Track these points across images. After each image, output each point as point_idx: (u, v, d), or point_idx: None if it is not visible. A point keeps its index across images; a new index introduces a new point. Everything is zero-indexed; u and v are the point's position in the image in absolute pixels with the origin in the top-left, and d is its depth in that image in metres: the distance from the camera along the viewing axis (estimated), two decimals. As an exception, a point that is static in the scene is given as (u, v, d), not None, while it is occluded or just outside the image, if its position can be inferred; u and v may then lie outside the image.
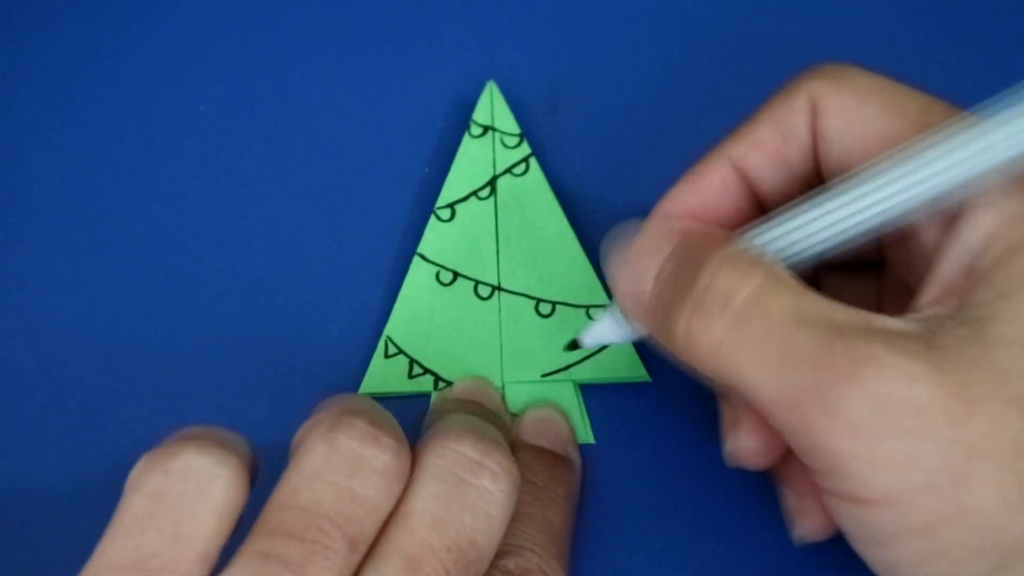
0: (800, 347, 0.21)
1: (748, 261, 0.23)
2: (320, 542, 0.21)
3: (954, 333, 0.21)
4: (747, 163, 0.26)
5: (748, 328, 0.22)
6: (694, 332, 0.23)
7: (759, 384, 0.22)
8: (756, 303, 0.22)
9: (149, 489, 0.21)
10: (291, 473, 0.22)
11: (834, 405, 0.20)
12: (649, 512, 0.31)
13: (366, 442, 0.22)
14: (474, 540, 0.22)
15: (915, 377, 0.20)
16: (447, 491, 0.22)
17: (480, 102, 0.34)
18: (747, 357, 0.22)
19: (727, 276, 0.22)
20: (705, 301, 0.23)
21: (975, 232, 0.22)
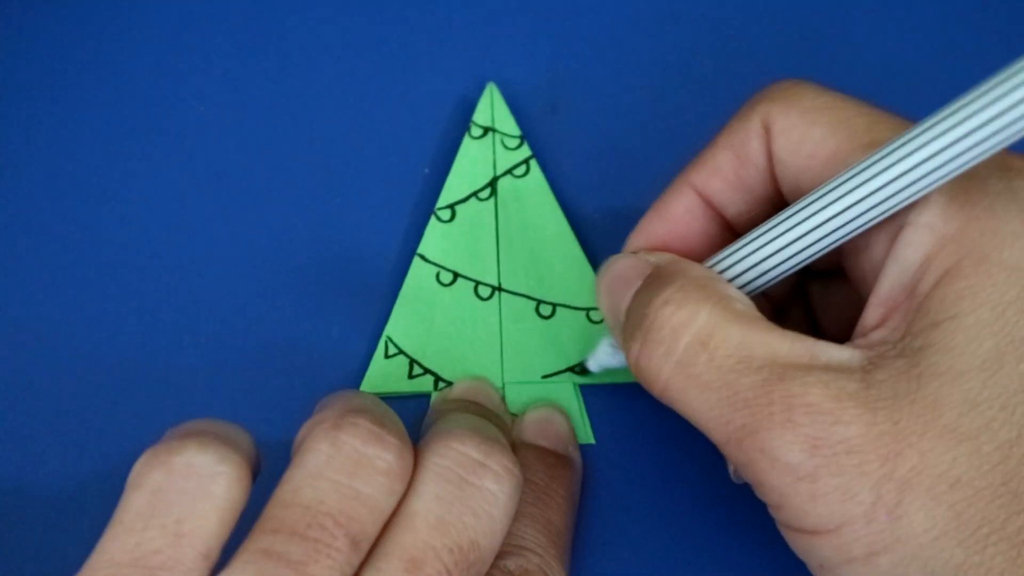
0: (742, 392, 0.22)
1: (696, 296, 0.23)
2: (322, 540, 0.21)
3: (891, 365, 0.22)
4: (709, 189, 0.27)
5: (693, 372, 0.23)
6: (643, 367, 0.24)
7: (706, 424, 0.23)
8: (701, 347, 0.23)
9: (150, 486, 0.21)
10: (294, 471, 0.22)
11: (772, 448, 0.21)
12: (649, 512, 0.31)
13: (369, 441, 0.22)
14: (476, 541, 0.22)
15: (848, 419, 0.21)
16: (449, 491, 0.22)
17: (480, 103, 0.34)
18: (693, 398, 0.23)
19: (673, 311, 0.23)
20: (651, 339, 0.24)
21: (912, 254, 0.22)
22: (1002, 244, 0.22)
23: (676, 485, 0.31)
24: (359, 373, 0.32)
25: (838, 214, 0.23)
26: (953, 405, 0.21)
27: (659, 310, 0.24)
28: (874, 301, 0.23)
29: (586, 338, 0.32)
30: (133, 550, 0.21)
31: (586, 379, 0.31)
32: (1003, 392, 0.21)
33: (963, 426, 0.21)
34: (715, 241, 0.27)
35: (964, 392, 0.21)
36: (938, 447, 0.21)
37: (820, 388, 0.21)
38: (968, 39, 0.35)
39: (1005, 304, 0.21)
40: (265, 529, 0.21)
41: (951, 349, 0.21)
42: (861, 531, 0.21)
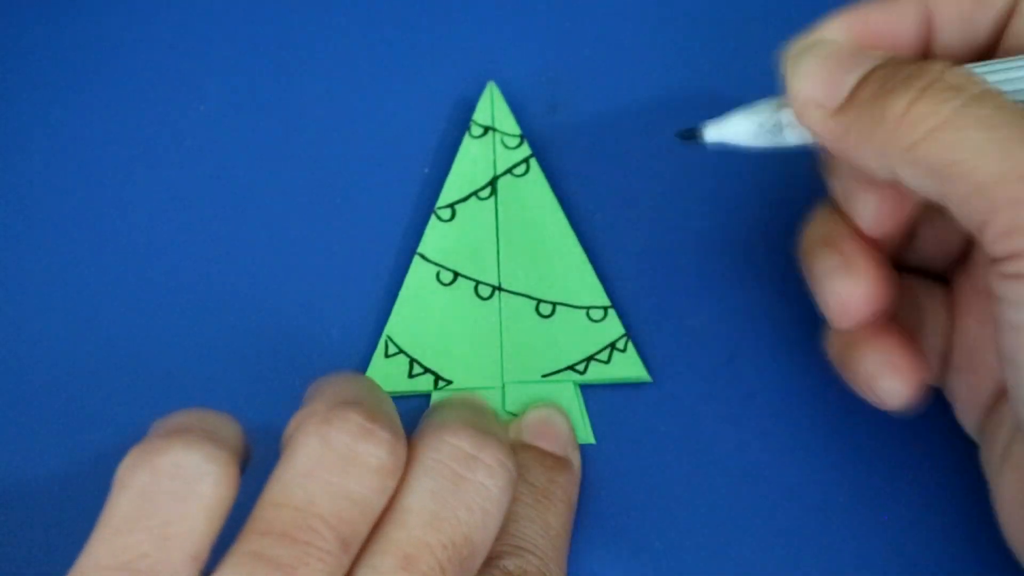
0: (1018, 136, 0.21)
1: (964, 71, 0.23)
2: (312, 543, 0.20)
3: None
4: (937, 12, 0.26)
5: (980, 110, 0.22)
6: (914, 112, 0.22)
7: (979, 163, 0.21)
8: (989, 96, 0.22)
9: (136, 487, 0.21)
10: (283, 469, 0.22)
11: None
12: (649, 512, 0.31)
13: (360, 437, 0.22)
14: (469, 536, 0.22)
15: None
16: (443, 486, 0.22)
17: (480, 103, 0.34)
18: (973, 136, 0.21)
19: (957, 73, 0.22)
20: (935, 87, 0.22)
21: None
22: None
23: (676, 485, 0.31)
24: (359, 372, 0.32)
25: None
26: None
27: (942, 71, 0.23)
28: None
29: (586, 337, 0.31)
30: (120, 554, 0.20)
31: (586, 379, 0.31)
32: None
33: None
34: None
35: None
36: None
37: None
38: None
39: None
40: (255, 531, 0.21)
41: None
42: None
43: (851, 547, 0.30)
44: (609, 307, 0.32)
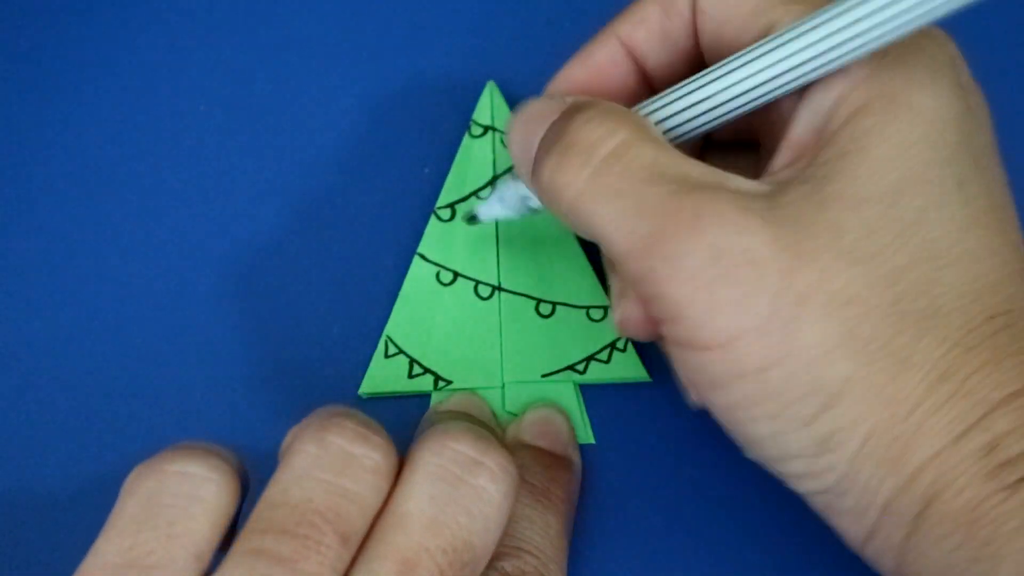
0: (651, 201, 0.22)
1: (617, 117, 0.24)
2: (312, 537, 0.21)
3: (796, 191, 0.23)
4: (633, 40, 0.27)
5: (607, 181, 0.23)
6: (557, 182, 0.24)
7: (613, 235, 0.23)
8: (617, 157, 0.23)
9: (143, 492, 0.22)
10: (281, 473, 0.22)
11: (675, 254, 0.22)
12: (649, 512, 0.31)
13: (356, 441, 0.22)
14: (470, 541, 0.22)
15: (753, 230, 0.22)
16: (444, 491, 0.22)
17: (480, 102, 0.33)
18: (604, 208, 0.23)
19: (594, 128, 0.24)
20: (570, 152, 0.24)
21: (825, 95, 0.23)
22: (911, 88, 0.23)
23: (676, 485, 0.31)
24: (359, 373, 0.32)
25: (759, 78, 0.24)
26: (852, 229, 0.22)
27: (581, 126, 0.24)
28: (785, 144, 0.24)
29: (586, 337, 0.31)
30: (127, 552, 0.21)
31: (586, 379, 0.31)
32: (899, 222, 0.22)
33: (860, 249, 0.22)
34: (631, 96, 0.28)
35: (864, 218, 0.22)
36: (836, 266, 0.22)
37: (728, 201, 0.22)
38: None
39: (909, 143, 0.22)
40: (255, 529, 0.21)
41: (855, 178, 0.22)
42: (755, 344, 0.22)
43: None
44: (609, 307, 0.32)
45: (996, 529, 0.21)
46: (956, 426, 0.22)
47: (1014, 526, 0.21)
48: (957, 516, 0.21)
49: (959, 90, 0.23)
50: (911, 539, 0.22)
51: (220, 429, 0.31)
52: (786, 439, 0.23)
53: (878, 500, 0.22)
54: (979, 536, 0.21)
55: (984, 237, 0.23)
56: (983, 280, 0.23)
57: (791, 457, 0.23)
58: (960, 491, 0.21)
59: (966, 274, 0.22)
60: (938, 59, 0.23)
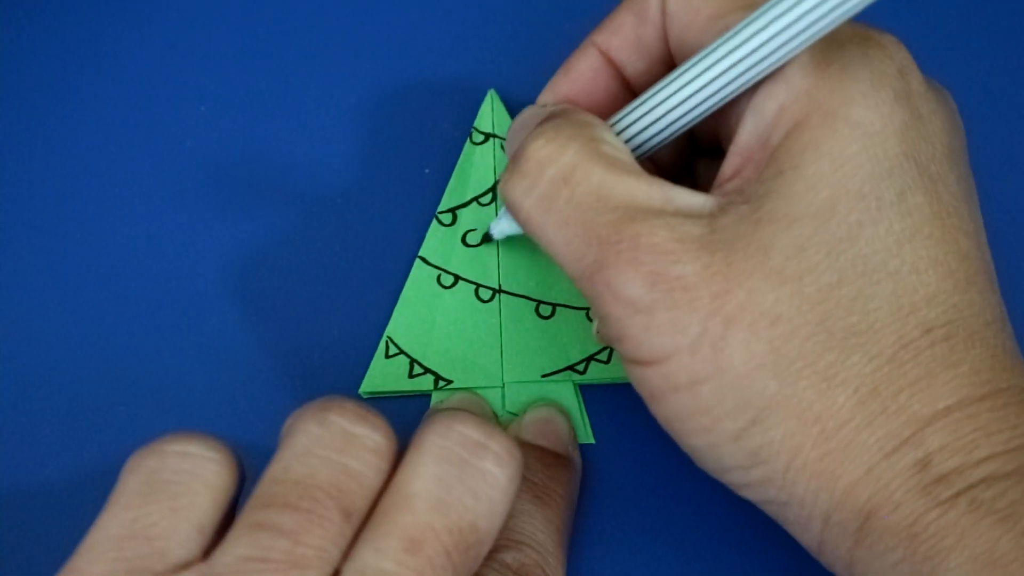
0: (596, 230, 0.24)
1: (567, 134, 0.25)
2: (315, 511, 0.21)
3: (736, 211, 0.23)
4: (611, 48, 0.28)
5: (553, 206, 0.24)
6: (508, 196, 0.25)
7: (562, 259, 0.25)
8: (563, 183, 0.24)
9: (145, 470, 0.22)
10: (283, 451, 0.22)
11: (617, 282, 0.23)
12: (649, 512, 0.31)
13: (357, 422, 0.22)
14: (475, 524, 0.22)
15: (687, 260, 0.23)
16: (450, 472, 0.22)
17: (481, 110, 0.34)
18: (551, 232, 0.25)
19: (542, 147, 0.25)
20: (518, 171, 0.25)
21: (768, 106, 0.24)
22: (850, 102, 0.23)
23: (676, 485, 0.31)
24: (360, 373, 0.32)
25: (715, 78, 0.24)
26: (783, 248, 0.22)
27: (530, 143, 0.25)
28: (732, 151, 0.24)
29: (586, 338, 0.32)
30: (131, 524, 0.21)
31: (586, 379, 0.31)
32: (831, 239, 0.22)
33: (789, 268, 0.22)
34: (618, 102, 0.28)
35: (794, 237, 0.22)
36: (763, 287, 0.22)
37: (666, 231, 0.23)
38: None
39: (845, 158, 0.23)
40: (257, 505, 0.21)
41: (789, 196, 0.23)
42: (687, 361, 0.23)
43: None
44: (608, 309, 0.32)
45: (935, 545, 0.21)
46: (887, 443, 0.22)
47: (951, 542, 0.21)
48: (896, 531, 0.22)
49: (905, 100, 0.23)
50: (856, 551, 0.23)
51: (220, 428, 0.31)
52: (720, 452, 0.24)
53: (816, 514, 0.23)
54: (919, 551, 0.22)
55: (925, 248, 0.23)
56: (922, 292, 0.23)
57: (727, 469, 0.24)
58: (896, 507, 0.22)
59: (903, 288, 0.23)
60: (883, 69, 0.24)
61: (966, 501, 0.21)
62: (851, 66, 0.23)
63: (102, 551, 0.21)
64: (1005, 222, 0.31)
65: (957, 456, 0.22)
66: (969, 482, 0.21)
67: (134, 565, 0.21)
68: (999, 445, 0.22)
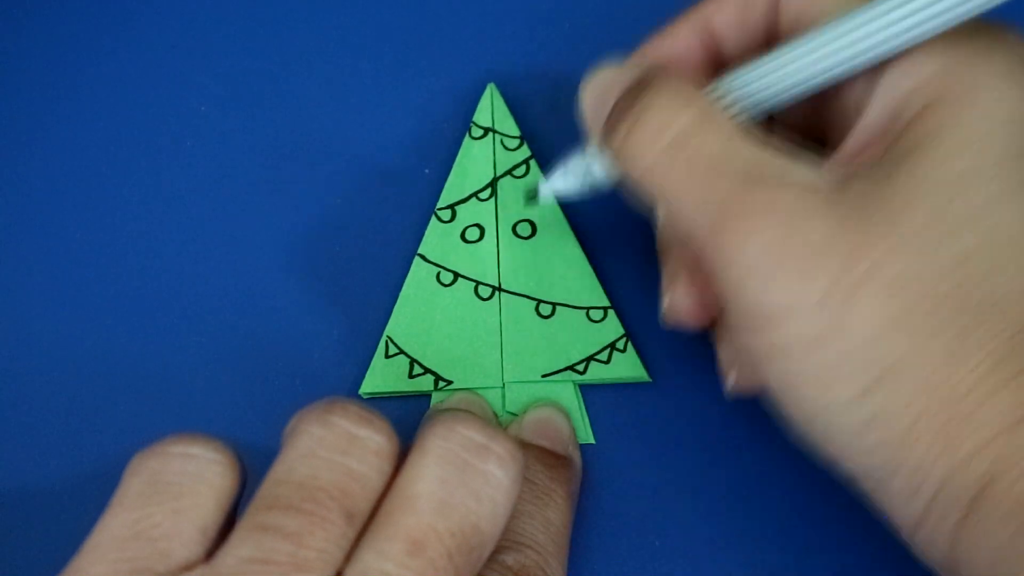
0: (721, 188, 0.23)
1: (687, 94, 0.25)
2: (317, 514, 0.21)
3: (863, 182, 0.23)
4: (714, 22, 0.28)
5: (677, 160, 0.24)
6: (628, 151, 0.25)
7: (682, 211, 0.24)
8: (687, 139, 0.24)
9: (148, 471, 0.22)
10: (286, 453, 0.22)
11: (744, 233, 0.23)
12: (649, 512, 0.31)
13: (360, 423, 0.22)
14: (478, 525, 0.22)
15: (816, 220, 0.23)
16: (453, 474, 0.22)
17: (480, 104, 0.34)
18: (674, 186, 0.24)
19: (663, 104, 0.25)
20: (639, 126, 0.25)
21: (898, 87, 0.24)
22: (980, 83, 0.23)
23: (676, 485, 0.31)
24: (360, 373, 0.32)
25: (836, 51, 0.24)
26: (919, 216, 0.22)
27: (654, 98, 0.25)
28: (857, 130, 0.24)
29: (586, 338, 0.32)
30: (134, 525, 0.21)
31: (586, 379, 0.31)
32: (967, 209, 0.22)
33: (921, 237, 0.22)
34: (707, 76, 0.28)
35: (931, 205, 0.22)
36: (896, 252, 0.22)
37: (792, 196, 0.23)
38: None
39: (981, 134, 0.23)
40: (260, 506, 0.21)
41: (924, 168, 0.23)
42: (810, 319, 0.22)
43: (851, 546, 0.30)
44: (609, 307, 0.32)
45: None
46: (1013, 412, 0.22)
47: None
48: (1014, 503, 0.21)
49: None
50: (965, 524, 0.22)
51: (220, 428, 0.31)
52: (837, 413, 0.23)
53: (930, 482, 0.22)
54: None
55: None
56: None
57: (839, 433, 0.23)
58: (1017, 479, 0.21)
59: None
60: (1010, 59, 0.24)
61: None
62: (981, 53, 0.24)
63: (105, 552, 0.21)
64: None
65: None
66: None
67: (137, 566, 0.21)
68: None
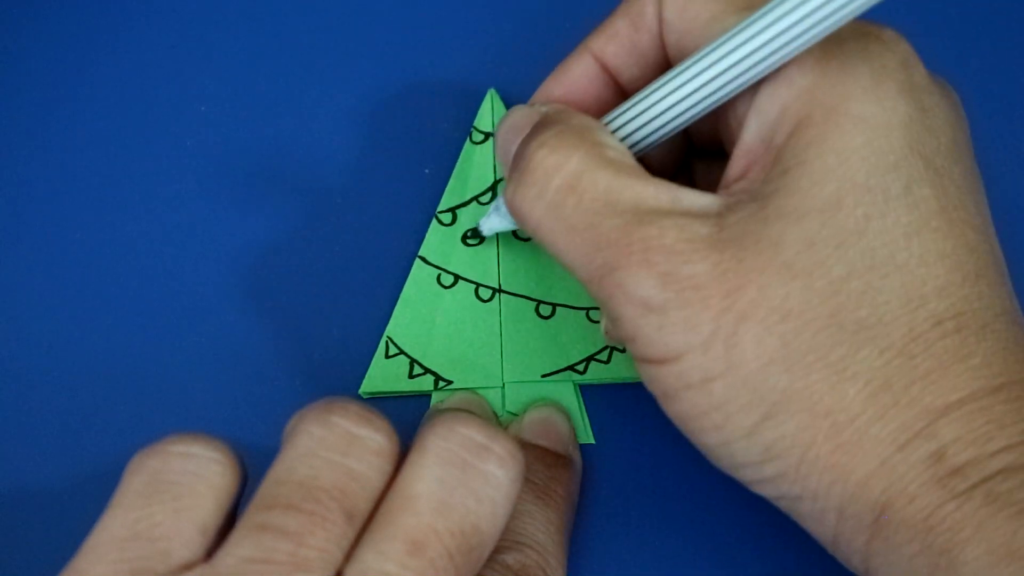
0: (605, 234, 0.24)
1: (571, 142, 0.25)
2: (318, 513, 0.21)
3: (744, 209, 0.23)
4: (606, 54, 0.28)
5: (561, 214, 0.25)
6: (516, 207, 0.25)
7: (572, 263, 0.25)
8: (570, 190, 0.24)
9: (148, 470, 0.22)
10: (286, 452, 0.22)
11: (629, 283, 0.23)
12: (649, 512, 0.31)
13: (360, 423, 0.22)
14: (478, 526, 0.22)
15: (697, 259, 0.23)
16: (453, 474, 0.22)
17: (481, 109, 0.34)
18: (560, 239, 0.25)
19: (547, 155, 0.25)
20: (525, 181, 0.25)
21: (771, 106, 0.24)
22: (851, 96, 0.23)
23: (676, 485, 0.31)
24: (360, 373, 0.32)
25: (713, 77, 0.24)
26: (792, 244, 0.23)
27: (534, 152, 0.25)
28: (736, 153, 0.25)
29: (586, 338, 0.32)
30: (134, 525, 0.21)
31: (586, 379, 0.31)
32: (839, 232, 0.22)
33: (799, 263, 0.22)
34: (609, 107, 0.28)
35: (803, 232, 0.23)
36: (774, 282, 0.23)
37: (676, 231, 0.23)
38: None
39: (850, 152, 0.23)
40: (260, 506, 0.21)
41: (796, 192, 0.23)
42: (699, 359, 0.23)
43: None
44: (608, 309, 0.32)
45: (952, 537, 0.21)
46: (900, 435, 0.22)
47: (968, 534, 0.21)
48: (912, 524, 0.22)
49: (908, 93, 0.24)
50: (872, 544, 0.23)
51: (221, 428, 0.31)
52: (733, 448, 0.24)
53: (831, 506, 0.23)
54: (935, 544, 0.21)
55: (933, 241, 0.23)
56: (931, 285, 0.23)
57: (740, 466, 0.24)
58: (912, 499, 0.22)
59: (911, 280, 0.23)
60: (884, 63, 0.24)
61: (982, 493, 0.21)
62: (852, 61, 0.23)
63: (105, 552, 0.21)
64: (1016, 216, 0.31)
65: (971, 448, 0.22)
66: (984, 474, 0.21)
67: (137, 566, 0.21)
68: (1014, 436, 0.22)
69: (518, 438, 0.30)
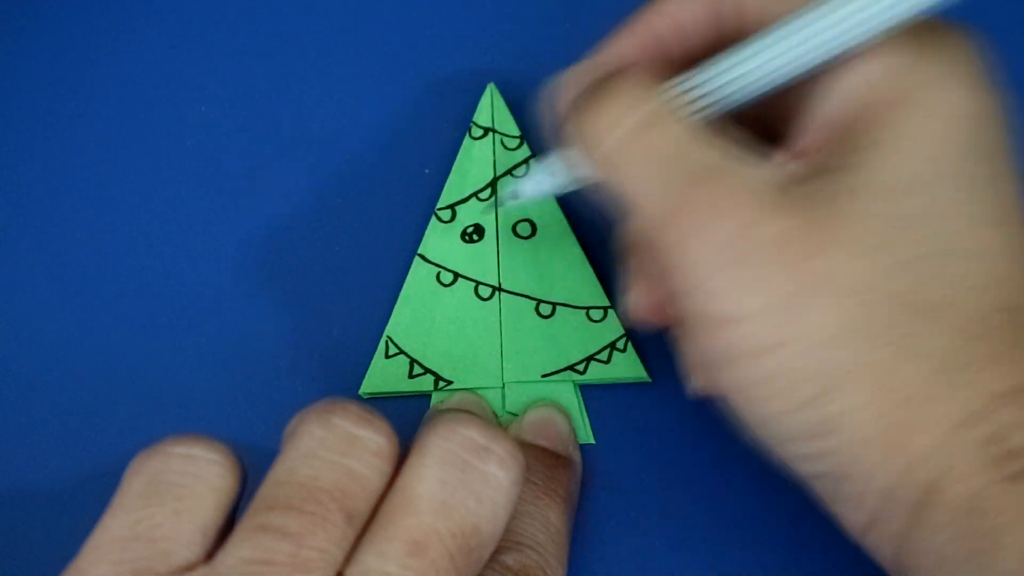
0: (677, 180, 0.24)
1: (643, 91, 0.25)
2: (318, 514, 0.21)
3: (813, 182, 0.23)
4: (682, 17, 0.28)
5: (635, 148, 0.24)
6: (589, 130, 0.25)
7: (639, 199, 0.24)
8: (646, 130, 0.24)
9: (149, 471, 0.22)
10: (287, 453, 0.22)
11: (697, 229, 0.23)
12: (649, 512, 0.31)
13: (360, 424, 0.22)
14: (478, 526, 0.22)
15: (767, 221, 0.23)
16: (453, 475, 0.22)
17: (481, 104, 0.34)
18: (631, 171, 0.24)
19: (623, 97, 0.25)
20: (602, 109, 0.25)
21: (853, 81, 0.24)
22: (929, 84, 0.23)
23: (676, 485, 0.31)
24: (360, 373, 0.32)
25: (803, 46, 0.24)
26: (865, 220, 0.23)
27: (614, 87, 0.25)
28: (810, 126, 0.25)
29: (586, 338, 0.32)
30: (134, 526, 0.21)
31: (586, 379, 0.31)
32: (913, 214, 0.23)
33: (869, 239, 0.22)
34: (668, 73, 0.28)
35: (877, 209, 0.23)
36: (844, 256, 0.22)
37: (747, 192, 0.23)
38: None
39: (927, 138, 0.23)
40: (260, 507, 0.21)
41: (874, 170, 0.23)
42: (760, 325, 0.22)
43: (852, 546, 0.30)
44: (609, 307, 0.32)
45: (995, 520, 0.21)
46: (958, 415, 0.22)
47: (1010, 518, 0.21)
48: (956, 506, 0.21)
49: (980, 87, 0.24)
50: (910, 528, 0.22)
51: (221, 429, 0.31)
52: (787, 419, 0.23)
53: (877, 487, 0.23)
54: (977, 527, 0.21)
55: (995, 233, 0.23)
56: (993, 274, 0.23)
57: (789, 439, 0.23)
58: (960, 480, 0.21)
59: (978, 267, 0.23)
60: (959, 57, 0.24)
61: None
62: (930, 50, 0.24)
63: (105, 552, 0.21)
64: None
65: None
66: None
67: (137, 567, 0.21)
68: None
69: (518, 438, 0.30)
